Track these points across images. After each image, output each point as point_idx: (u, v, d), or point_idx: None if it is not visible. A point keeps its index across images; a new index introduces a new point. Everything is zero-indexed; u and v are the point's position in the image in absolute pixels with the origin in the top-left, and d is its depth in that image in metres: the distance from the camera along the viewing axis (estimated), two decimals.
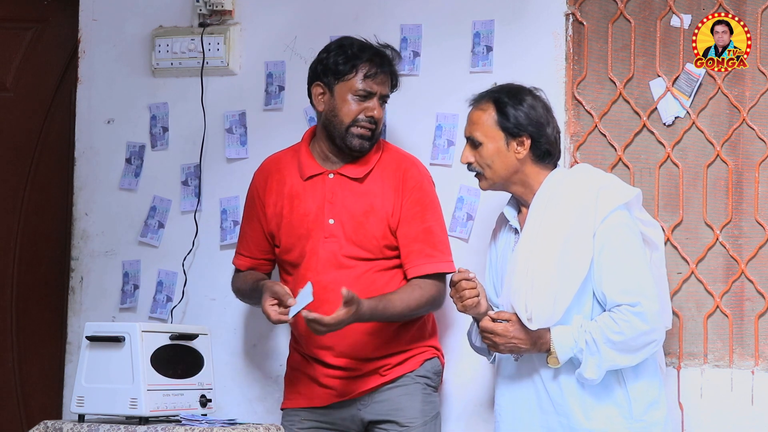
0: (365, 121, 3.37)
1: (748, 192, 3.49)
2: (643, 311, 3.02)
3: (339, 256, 3.37)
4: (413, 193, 3.39)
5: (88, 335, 3.47)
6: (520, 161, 3.15)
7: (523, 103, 3.15)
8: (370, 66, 3.37)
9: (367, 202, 3.39)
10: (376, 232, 3.37)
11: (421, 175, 3.43)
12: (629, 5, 3.62)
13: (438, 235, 3.40)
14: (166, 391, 3.44)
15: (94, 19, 4.14)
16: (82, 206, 4.11)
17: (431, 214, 3.41)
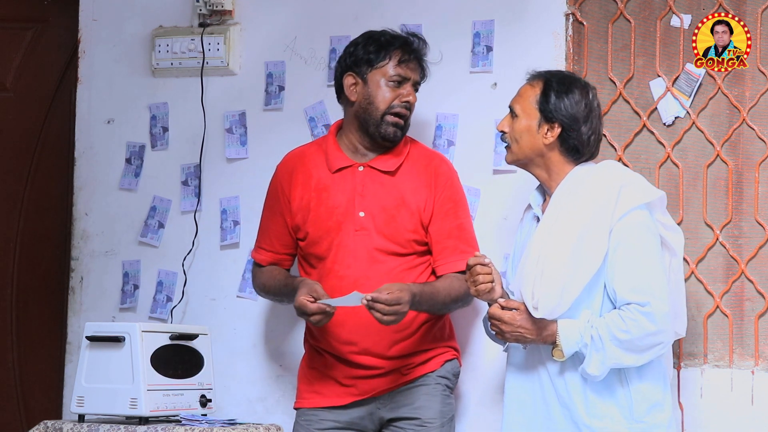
0: (401, 107, 3.38)
1: (748, 192, 3.49)
2: (652, 311, 3.00)
3: (370, 250, 3.35)
4: (445, 189, 3.41)
5: (88, 335, 3.47)
6: (547, 146, 3.13)
7: (569, 94, 3.13)
8: (402, 52, 3.39)
9: (399, 196, 3.38)
10: (407, 226, 3.37)
11: (451, 172, 3.47)
12: (629, 5, 3.62)
13: (469, 232, 3.44)
14: (166, 391, 3.44)
15: (94, 19, 4.14)
16: (82, 206, 4.11)
17: (462, 211, 3.44)
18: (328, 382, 3.42)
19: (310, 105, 3.87)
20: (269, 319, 3.87)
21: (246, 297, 3.90)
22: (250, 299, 3.90)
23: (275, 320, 3.85)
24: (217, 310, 3.93)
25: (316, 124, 3.86)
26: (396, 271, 3.35)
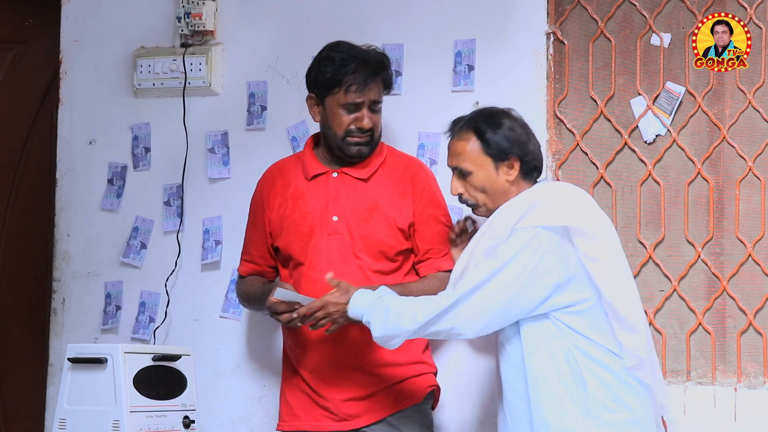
0: (357, 132, 3.37)
1: (729, 209, 3.51)
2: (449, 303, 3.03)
3: (344, 253, 3.36)
4: (424, 195, 3.44)
5: (70, 357, 3.45)
6: (512, 183, 3.15)
7: (502, 126, 3.15)
8: (354, 77, 3.35)
9: (372, 200, 3.40)
10: (380, 230, 3.38)
11: (428, 178, 3.50)
12: (609, 24, 3.64)
13: (445, 234, 3.46)
14: (149, 412, 3.43)
15: (76, 40, 4.14)
16: (64, 227, 4.10)
17: (441, 214, 3.46)
18: (307, 403, 3.40)
19: (293, 125, 3.88)
20: (252, 339, 3.86)
21: (229, 317, 3.89)
22: (233, 319, 3.89)
23: (258, 340, 3.84)
24: (200, 330, 3.92)
25: (298, 144, 3.86)
26: (372, 274, 3.35)
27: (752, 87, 3.51)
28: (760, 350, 3.46)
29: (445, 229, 3.44)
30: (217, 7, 3.97)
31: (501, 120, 3.16)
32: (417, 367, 3.41)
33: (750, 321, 3.47)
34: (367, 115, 3.38)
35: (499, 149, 3.13)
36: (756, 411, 3.42)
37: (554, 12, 3.67)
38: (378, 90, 3.41)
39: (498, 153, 3.13)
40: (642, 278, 3.55)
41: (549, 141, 3.66)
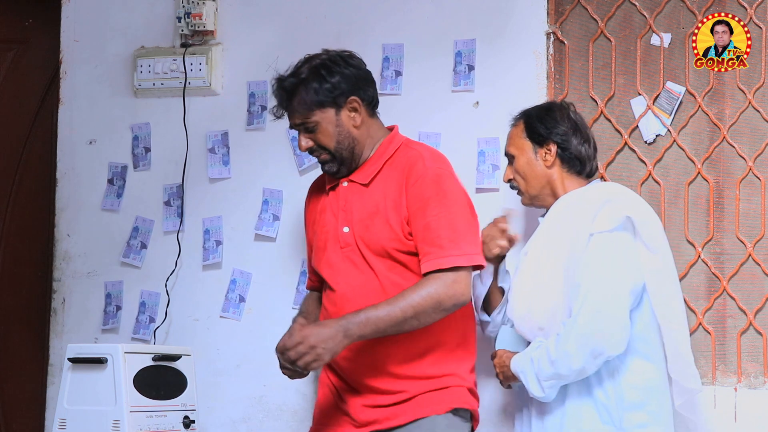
0: (308, 155, 3.41)
1: (729, 209, 3.51)
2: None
3: (356, 264, 3.16)
4: (414, 188, 3.13)
5: (70, 357, 3.45)
6: (550, 168, 3.23)
7: (549, 115, 3.26)
8: (278, 107, 3.26)
9: (373, 205, 3.18)
10: (382, 234, 3.13)
11: (425, 168, 3.14)
12: (609, 24, 3.64)
13: (435, 230, 3.09)
14: (149, 412, 3.43)
15: (76, 40, 4.14)
16: (64, 227, 4.10)
17: (431, 209, 3.10)
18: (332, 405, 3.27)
19: None
20: (252, 339, 3.86)
21: (229, 317, 3.89)
22: (233, 319, 3.89)
23: (259, 340, 3.84)
24: (200, 330, 3.92)
25: None
26: (389, 282, 3.13)
27: (752, 87, 3.51)
28: (760, 350, 3.46)
29: (427, 227, 3.09)
30: (217, 7, 3.97)
31: (552, 110, 3.29)
32: (445, 380, 3.14)
33: (750, 321, 3.47)
34: (302, 138, 3.20)
35: (537, 133, 3.23)
36: (756, 411, 3.42)
37: (554, 12, 3.67)
38: (298, 112, 3.17)
39: (537, 136, 3.24)
40: None
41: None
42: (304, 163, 3.85)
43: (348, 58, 3.21)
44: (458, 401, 3.13)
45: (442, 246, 3.06)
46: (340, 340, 2.99)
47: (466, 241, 3.08)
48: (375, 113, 3.26)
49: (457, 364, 3.15)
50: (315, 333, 3.00)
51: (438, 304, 3.05)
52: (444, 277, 3.05)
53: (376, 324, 3.01)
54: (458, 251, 3.06)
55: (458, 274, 3.05)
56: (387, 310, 3.00)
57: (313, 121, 3.17)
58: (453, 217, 3.10)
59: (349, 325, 2.99)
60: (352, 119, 3.18)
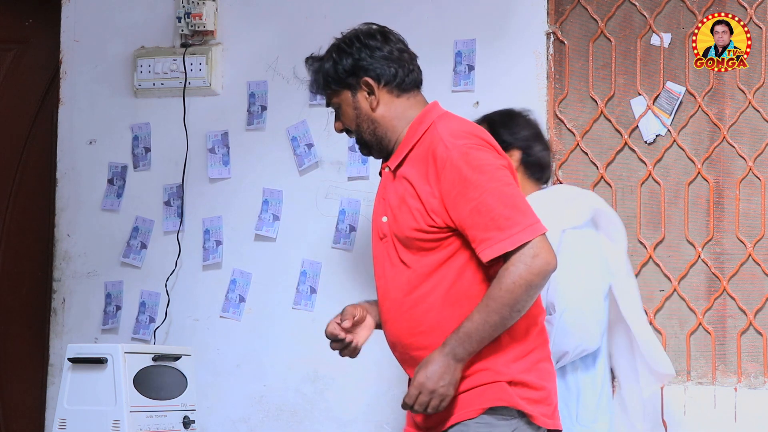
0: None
1: (729, 209, 3.51)
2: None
3: (391, 255, 2.92)
4: (445, 176, 2.83)
5: (70, 357, 3.45)
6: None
7: (513, 122, 3.27)
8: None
9: (400, 192, 2.92)
10: (408, 223, 2.86)
11: (448, 151, 2.83)
12: (610, 24, 3.64)
13: (486, 212, 2.78)
14: (149, 412, 3.43)
15: (76, 40, 4.14)
16: (65, 227, 4.10)
17: (471, 191, 2.80)
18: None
19: (293, 125, 3.88)
20: (252, 339, 3.86)
21: (229, 317, 3.89)
22: (233, 319, 3.89)
23: (258, 340, 3.85)
24: (200, 330, 3.92)
25: (298, 144, 3.87)
26: (419, 272, 2.86)
27: (752, 87, 3.51)
28: (760, 350, 3.46)
29: (476, 208, 2.78)
30: (217, 7, 3.97)
31: (514, 116, 3.30)
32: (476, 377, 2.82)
33: (750, 321, 3.47)
34: (335, 120, 3.07)
35: (502, 139, 3.13)
36: (756, 411, 3.42)
37: (554, 12, 3.67)
38: (323, 94, 3.06)
39: (501, 142, 3.07)
40: (642, 278, 3.55)
41: (549, 141, 3.65)
42: (303, 163, 3.86)
43: (367, 37, 3.00)
44: (493, 400, 2.79)
45: (500, 227, 2.75)
46: (454, 368, 2.75)
47: (521, 212, 2.77)
48: (403, 93, 2.97)
49: (493, 356, 2.81)
50: (427, 376, 2.75)
51: (529, 287, 2.74)
52: (522, 257, 2.73)
53: (479, 335, 2.75)
54: (519, 226, 2.74)
55: (534, 247, 2.73)
56: (483, 318, 2.74)
57: (334, 102, 3.01)
58: (499, 190, 2.79)
59: (454, 349, 2.74)
60: (369, 101, 2.97)
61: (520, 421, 2.78)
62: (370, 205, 3.75)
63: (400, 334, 2.85)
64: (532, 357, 2.83)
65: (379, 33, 3.01)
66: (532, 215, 2.77)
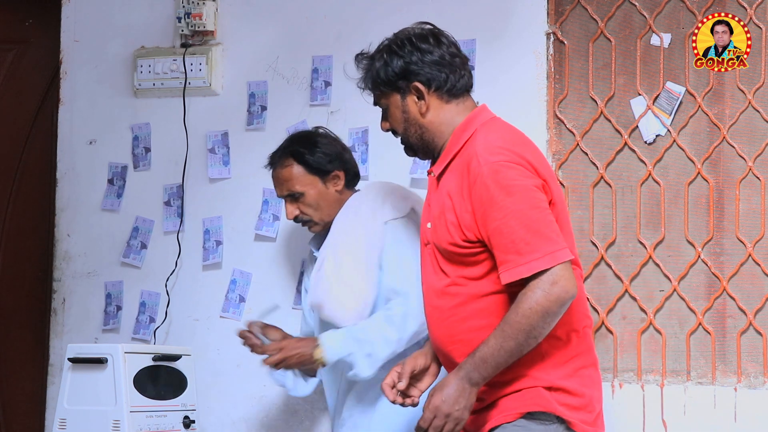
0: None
1: (729, 209, 3.51)
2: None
3: (434, 263, 2.91)
4: (475, 191, 2.79)
5: (70, 357, 3.45)
6: (339, 192, 3.41)
7: (318, 145, 3.41)
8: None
9: (441, 203, 2.89)
10: (445, 236, 2.84)
11: (479, 167, 2.78)
12: (609, 24, 3.64)
13: (508, 234, 2.73)
14: (149, 412, 3.43)
15: (76, 40, 4.14)
16: (65, 227, 4.10)
17: (496, 211, 2.75)
18: None
19: (293, 125, 3.88)
20: None
21: (229, 317, 3.89)
22: (233, 319, 3.89)
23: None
24: (200, 330, 3.92)
25: None
26: (457, 282, 2.85)
27: (752, 87, 3.51)
28: (760, 350, 3.46)
29: (497, 231, 2.75)
30: (217, 7, 3.97)
31: (314, 139, 3.44)
32: (516, 383, 2.81)
33: (750, 321, 3.47)
34: (382, 120, 3.01)
35: (321, 166, 3.39)
36: (756, 411, 3.42)
37: (554, 12, 3.67)
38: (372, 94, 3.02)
39: (322, 170, 3.39)
40: (642, 278, 3.55)
41: (549, 141, 3.66)
42: None
43: (420, 39, 2.93)
44: (530, 404, 2.77)
45: (519, 251, 2.71)
46: (469, 392, 2.73)
47: (544, 237, 2.71)
48: (453, 98, 2.91)
49: (532, 363, 2.79)
50: (442, 399, 2.74)
51: (546, 314, 2.70)
52: (540, 284, 2.69)
53: (495, 361, 2.73)
54: (538, 252, 2.70)
55: (554, 275, 2.68)
56: (498, 343, 2.71)
57: (382, 103, 2.97)
58: (523, 213, 2.73)
59: (469, 373, 2.73)
60: (418, 106, 2.91)
61: (559, 427, 2.77)
62: None
63: (441, 341, 2.87)
64: (574, 364, 2.81)
65: (431, 35, 2.96)
66: (556, 242, 2.71)
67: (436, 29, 2.98)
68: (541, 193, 2.78)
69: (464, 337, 2.81)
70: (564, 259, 2.69)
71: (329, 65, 3.85)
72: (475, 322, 2.80)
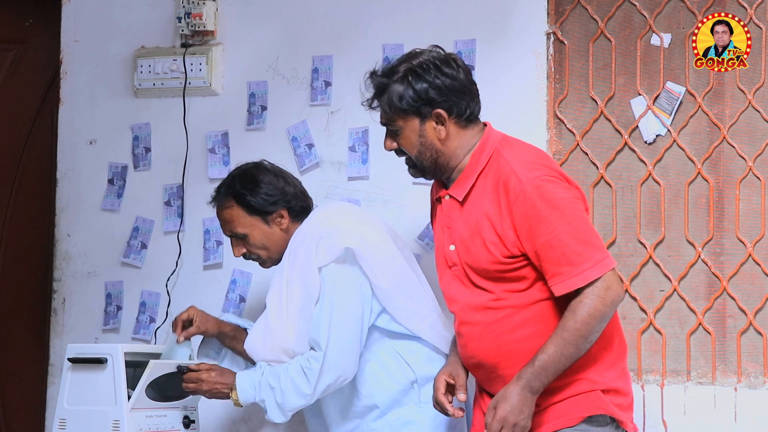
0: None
1: (729, 209, 3.51)
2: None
3: (466, 283, 2.95)
4: (518, 209, 2.85)
5: (69, 357, 3.45)
6: (285, 230, 3.36)
7: (259, 184, 3.36)
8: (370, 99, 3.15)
9: (473, 224, 2.92)
10: (483, 256, 2.89)
11: (521, 184, 2.85)
12: (610, 24, 3.64)
13: (559, 247, 2.81)
14: (149, 412, 3.42)
15: (76, 40, 4.14)
16: (65, 227, 4.10)
17: (544, 226, 2.83)
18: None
19: (293, 125, 3.88)
20: None
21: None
22: None
23: None
24: None
25: (299, 144, 3.87)
26: (500, 296, 2.91)
27: (752, 87, 3.51)
28: (760, 350, 3.46)
29: (547, 245, 2.82)
30: (218, 7, 3.97)
31: (257, 178, 3.37)
32: (574, 387, 2.87)
33: (750, 321, 3.47)
34: (387, 138, 3.03)
35: (262, 208, 3.34)
36: (756, 411, 3.42)
37: (554, 12, 3.67)
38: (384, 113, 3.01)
39: (263, 211, 3.34)
40: (642, 278, 3.55)
41: (549, 141, 3.66)
42: (304, 163, 3.86)
43: (443, 64, 2.95)
44: (590, 408, 2.86)
45: (572, 263, 2.80)
46: (531, 401, 2.80)
47: (593, 247, 2.82)
48: (470, 124, 2.98)
49: (587, 366, 2.87)
50: (507, 410, 2.79)
51: (603, 318, 2.81)
52: (595, 290, 2.79)
53: (555, 367, 2.80)
54: (590, 262, 2.80)
55: (606, 280, 2.79)
56: (558, 350, 2.79)
57: (396, 125, 2.97)
58: (571, 225, 2.83)
59: (530, 382, 2.79)
60: (437, 132, 2.95)
61: (611, 427, 2.89)
62: (370, 205, 3.76)
63: (485, 354, 2.92)
64: (621, 363, 2.95)
65: (453, 60, 2.99)
66: (603, 250, 2.84)
67: (452, 54, 3.02)
68: (581, 203, 2.90)
69: (513, 347, 2.88)
70: (612, 266, 2.83)
71: (329, 65, 3.85)
72: (523, 332, 2.87)
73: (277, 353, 3.24)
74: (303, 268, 3.23)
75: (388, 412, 3.20)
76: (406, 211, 3.73)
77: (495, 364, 2.90)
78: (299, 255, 3.25)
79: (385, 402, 3.20)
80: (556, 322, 2.83)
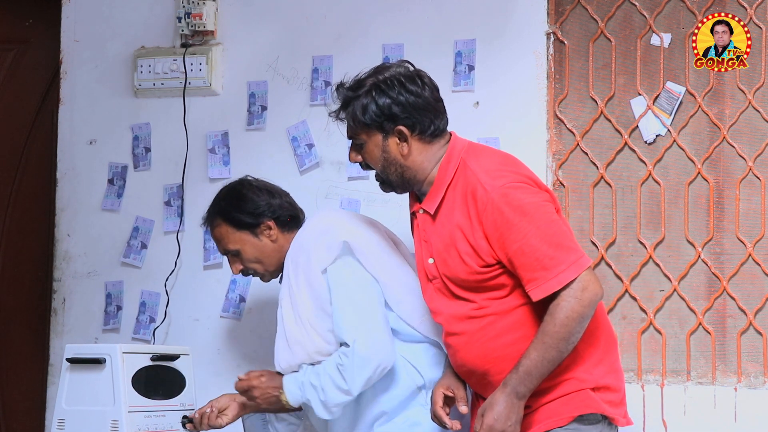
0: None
1: (729, 209, 3.51)
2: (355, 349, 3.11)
3: (447, 294, 2.97)
4: (486, 218, 2.86)
5: (68, 357, 3.45)
6: (275, 241, 3.34)
7: (244, 199, 3.34)
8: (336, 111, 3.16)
9: (446, 236, 2.94)
10: (459, 268, 2.91)
11: (487, 194, 2.85)
12: (610, 24, 3.63)
13: (531, 253, 2.81)
14: (148, 412, 3.43)
15: (76, 40, 4.14)
16: (65, 227, 4.10)
17: (515, 233, 2.83)
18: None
19: (293, 125, 3.88)
20: (252, 339, 3.86)
21: (229, 317, 3.89)
22: (233, 319, 3.89)
23: (258, 341, 3.84)
24: (200, 330, 3.92)
25: (299, 144, 3.87)
26: (482, 304, 2.93)
27: (752, 87, 3.51)
28: (760, 350, 3.46)
29: (519, 252, 2.82)
30: (218, 7, 3.98)
31: (241, 193, 3.36)
32: (562, 387, 2.89)
33: (750, 321, 3.47)
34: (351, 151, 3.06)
35: (247, 222, 3.33)
36: (756, 411, 3.42)
37: (554, 12, 3.67)
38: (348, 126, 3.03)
39: (249, 224, 3.33)
40: (642, 278, 3.55)
41: (549, 141, 3.65)
42: (304, 163, 3.86)
43: (408, 81, 2.95)
44: (580, 407, 2.87)
45: (546, 267, 2.80)
46: (518, 407, 2.82)
47: (565, 249, 2.81)
48: (435, 139, 2.97)
49: (575, 365, 2.88)
50: (495, 418, 2.81)
51: (582, 318, 2.81)
52: (572, 292, 2.79)
53: (539, 372, 2.81)
54: (564, 264, 2.80)
55: (582, 281, 2.78)
56: (540, 354, 2.79)
57: (360, 139, 2.99)
58: (541, 230, 2.83)
59: (516, 387, 2.81)
60: (399, 148, 2.96)
61: (603, 425, 2.89)
62: (370, 205, 3.76)
63: (474, 362, 2.94)
64: (609, 358, 2.94)
65: (417, 77, 2.99)
66: (576, 250, 2.83)
67: (420, 70, 3.02)
68: (550, 205, 2.89)
69: (501, 353, 2.89)
70: (587, 265, 2.82)
71: (329, 65, 3.85)
72: (509, 337, 2.89)
73: (312, 356, 3.20)
74: (306, 271, 3.21)
75: (395, 416, 3.19)
76: (406, 211, 3.71)
77: (485, 371, 2.92)
78: (300, 261, 3.24)
79: (393, 407, 3.18)
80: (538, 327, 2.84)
